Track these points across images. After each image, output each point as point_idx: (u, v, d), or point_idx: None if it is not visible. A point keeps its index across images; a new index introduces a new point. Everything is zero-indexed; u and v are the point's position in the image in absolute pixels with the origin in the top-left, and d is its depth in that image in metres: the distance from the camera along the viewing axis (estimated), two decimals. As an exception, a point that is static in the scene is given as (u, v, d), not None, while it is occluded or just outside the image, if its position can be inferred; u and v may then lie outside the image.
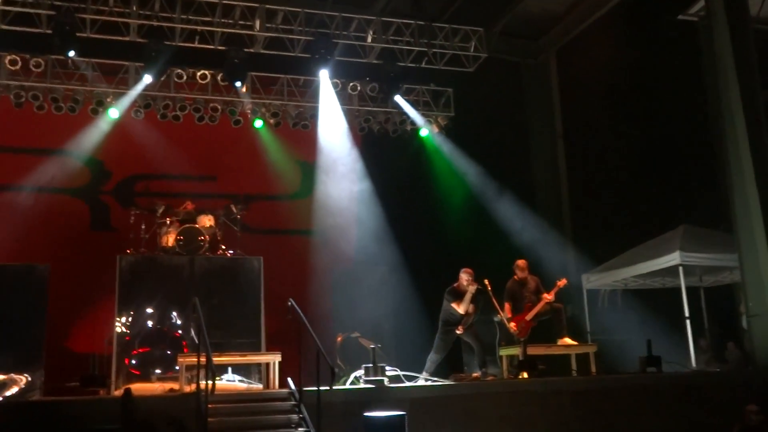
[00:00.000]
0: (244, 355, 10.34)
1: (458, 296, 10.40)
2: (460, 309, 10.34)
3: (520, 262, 10.96)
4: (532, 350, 10.24)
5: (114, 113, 12.85)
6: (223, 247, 12.23)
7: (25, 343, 10.78)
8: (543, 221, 14.37)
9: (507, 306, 10.64)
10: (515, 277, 10.85)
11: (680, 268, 11.23)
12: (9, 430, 7.56)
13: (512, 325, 10.41)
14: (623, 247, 12.74)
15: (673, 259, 11.29)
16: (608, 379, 10.11)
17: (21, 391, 10.50)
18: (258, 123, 13.70)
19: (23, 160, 13.07)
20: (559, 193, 15.70)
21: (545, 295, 10.53)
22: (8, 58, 12.10)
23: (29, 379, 10.74)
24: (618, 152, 13.96)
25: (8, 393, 10.45)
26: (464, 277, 10.45)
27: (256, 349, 11.22)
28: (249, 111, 13.57)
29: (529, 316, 10.50)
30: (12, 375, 10.73)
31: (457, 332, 10.41)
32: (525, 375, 9.91)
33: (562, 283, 10.62)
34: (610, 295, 13.19)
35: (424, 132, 14.63)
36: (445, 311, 10.54)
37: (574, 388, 9.58)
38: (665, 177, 12.92)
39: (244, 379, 11.01)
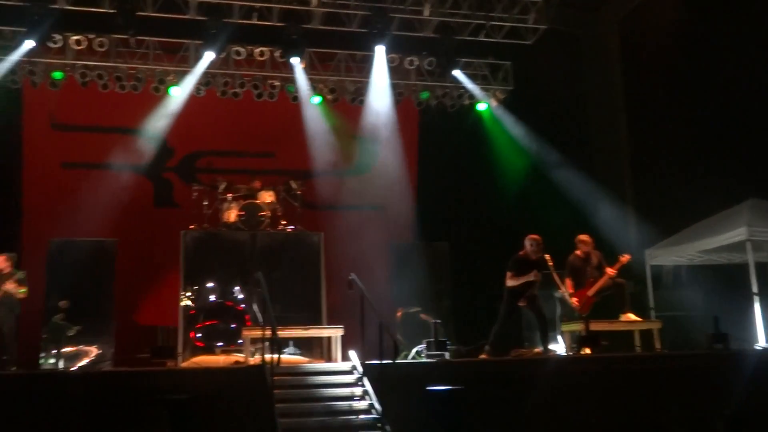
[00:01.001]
0: (307, 329, 10.48)
1: (521, 265, 10.14)
2: (514, 281, 10.06)
3: (584, 237, 10.75)
4: (595, 326, 10.11)
5: (176, 91, 13.05)
6: (284, 222, 12.37)
7: (96, 316, 11.17)
8: (604, 196, 14.12)
9: (568, 281, 10.43)
10: (577, 252, 10.68)
11: (748, 243, 10.93)
12: (81, 399, 7.80)
13: (574, 300, 10.28)
14: (688, 221, 12.43)
15: (740, 234, 10.98)
16: (673, 355, 9.95)
17: (92, 362, 10.86)
18: (316, 99, 13.74)
19: (89, 139, 13.40)
20: (620, 167, 15.41)
21: (608, 270, 10.35)
22: (73, 38, 12.38)
23: (100, 350, 11.12)
24: (683, 124, 13.58)
25: (80, 364, 10.81)
26: (528, 243, 10.21)
27: (317, 323, 11.36)
28: (307, 87, 13.62)
29: (591, 292, 10.34)
30: (82, 347, 11.11)
31: (520, 304, 10.21)
32: (587, 351, 9.81)
33: (625, 258, 10.43)
34: (674, 271, 12.93)
35: (482, 106, 14.49)
36: (510, 282, 10.24)
37: (637, 365, 9.45)
38: (732, 149, 12.52)
39: (302, 354, 11.18)
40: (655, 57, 14.35)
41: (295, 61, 12.88)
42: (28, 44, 11.92)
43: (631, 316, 10.50)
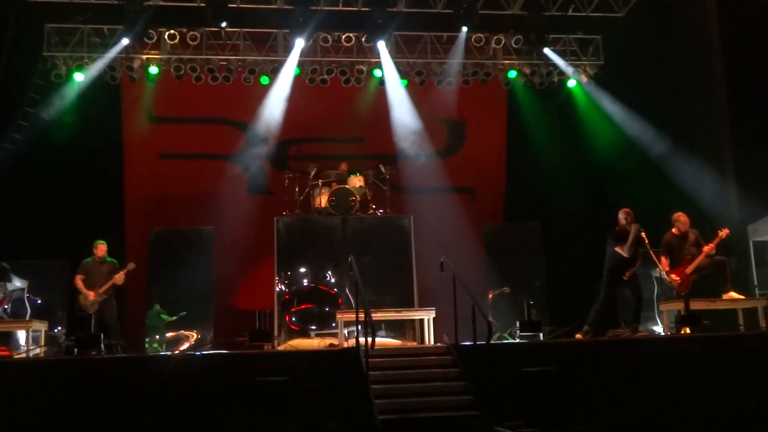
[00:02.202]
0: (400, 311, 10.57)
1: (621, 238, 9.89)
2: (624, 251, 9.84)
3: (680, 215, 10.42)
4: (695, 305, 9.78)
5: (265, 80, 13.32)
6: (374, 206, 12.48)
7: (195, 301, 11.57)
8: (703, 170, 13.59)
9: (663, 259, 10.14)
10: (673, 230, 10.37)
11: None
12: (184, 381, 8.10)
13: (674, 277, 9.99)
14: (793, 195, 11.87)
15: None
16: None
17: (192, 347, 11.28)
18: (402, 82, 13.74)
19: (184, 130, 13.83)
20: (720, 141, 14.72)
21: (706, 247, 10.01)
22: (167, 32, 12.78)
23: (199, 335, 11.54)
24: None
25: (182, 348, 11.24)
26: (622, 216, 10.03)
27: (408, 305, 11.42)
28: (393, 71, 13.62)
29: (689, 269, 10.01)
30: (182, 331, 11.57)
31: (625, 278, 9.91)
32: (687, 330, 9.51)
33: (724, 233, 10.03)
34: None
35: (572, 83, 14.16)
36: (610, 258, 10.04)
37: (741, 345, 9.08)
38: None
39: (396, 337, 11.28)
40: (754, 21, 13.63)
41: (381, 45, 12.92)
42: (125, 41, 12.40)
43: (734, 294, 10.10)
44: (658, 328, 10.53)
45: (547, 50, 13.52)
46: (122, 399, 7.81)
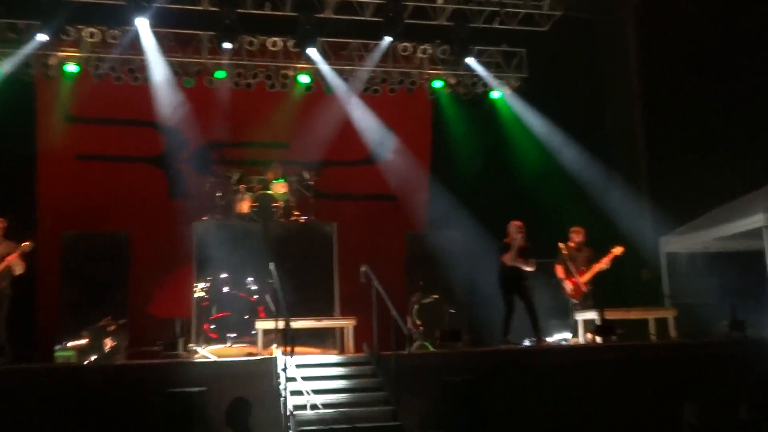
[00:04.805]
0: (320, 320, 10.48)
1: (507, 249, 10.56)
2: (507, 260, 10.44)
3: (577, 229, 11.07)
4: (610, 314, 10.04)
5: (189, 82, 13.06)
6: (297, 213, 12.35)
7: (110, 308, 11.20)
8: (619, 183, 14.00)
9: (559, 267, 10.80)
10: (570, 243, 10.94)
11: (765, 230, 10.79)
12: (95, 392, 7.84)
13: (568, 283, 10.63)
14: (704, 208, 12.32)
15: (758, 220, 10.86)
16: (689, 344, 9.86)
17: (106, 355, 10.90)
18: (327, 89, 13.67)
19: (103, 131, 13.39)
20: (636, 154, 15.23)
21: (600, 263, 10.68)
22: (86, 30, 12.38)
23: (114, 342, 11.16)
24: (701, 110, 13.35)
25: (93, 357, 10.85)
26: (512, 229, 10.65)
27: (330, 313, 11.34)
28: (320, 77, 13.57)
29: (583, 279, 10.64)
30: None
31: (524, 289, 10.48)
32: (599, 339, 9.78)
33: (617, 250, 10.69)
34: (689, 259, 12.81)
35: (496, 94, 14.37)
36: (498, 267, 10.69)
37: (652, 354, 9.37)
38: (750, 134, 12.35)
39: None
40: (672, 42, 14.11)
41: (313, 51, 12.84)
42: (41, 37, 11.96)
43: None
44: (569, 337, 10.87)
45: (471, 61, 13.68)
46: (25, 413, 7.48)
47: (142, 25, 12.20)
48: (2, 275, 9.40)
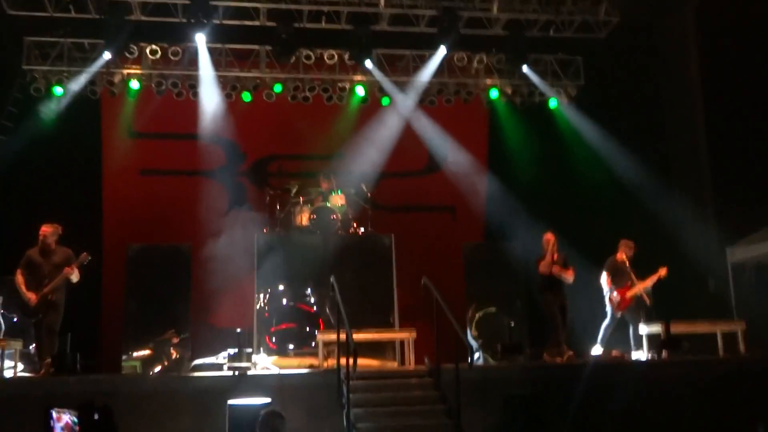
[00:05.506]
0: (380, 332, 10.49)
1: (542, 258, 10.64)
2: (541, 267, 10.44)
3: (627, 242, 10.90)
4: (675, 328, 9.82)
5: (247, 97, 13.27)
6: (355, 225, 12.41)
7: (173, 320, 11.41)
8: (682, 192, 13.70)
9: (607, 277, 10.67)
10: (618, 255, 10.79)
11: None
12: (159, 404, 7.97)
13: (615, 294, 10.45)
14: (770, 217, 11.98)
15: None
16: (758, 359, 9.57)
17: (170, 366, 11.12)
18: (384, 101, 13.73)
19: (164, 145, 13.71)
20: (698, 162, 14.87)
21: (645, 282, 10.53)
22: (148, 47, 12.71)
23: (177, 354, 11.38)
24: (765, 116, 13.04)
25: (158, 368, 11.07)
26: (543, 242, 10.67)
27: (389, 326, 11.35)
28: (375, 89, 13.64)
29: (629, 294, 10.49)
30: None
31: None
32: (666, 355, 9.57)
33: (663, 272, 10.52)
34: (757, 270, 12.45)
35: (552, 103, 14.24)
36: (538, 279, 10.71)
37: (720, 370, 9.12)
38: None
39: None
40: (734, 43, 13.77)
41: (367, 63, 12.94)
42: (106, 55, 12.34)
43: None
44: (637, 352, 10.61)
45: (526, 70, 13.60)
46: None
47: (201, 41, 12.46)
48: (59, 286, 9.48)
